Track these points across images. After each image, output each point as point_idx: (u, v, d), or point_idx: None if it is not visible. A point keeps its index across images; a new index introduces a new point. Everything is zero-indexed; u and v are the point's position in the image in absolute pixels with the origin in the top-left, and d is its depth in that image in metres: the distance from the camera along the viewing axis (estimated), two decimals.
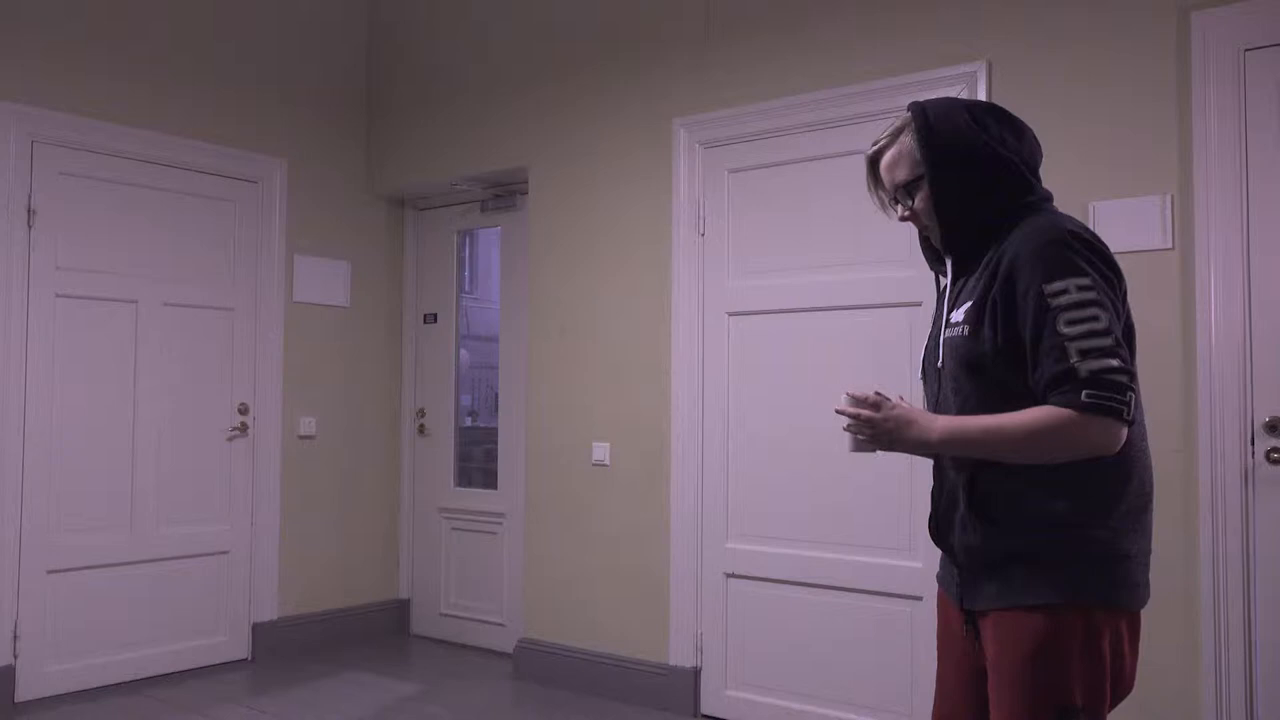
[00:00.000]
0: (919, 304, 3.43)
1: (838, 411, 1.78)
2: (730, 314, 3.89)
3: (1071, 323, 1.59)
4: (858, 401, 1.77)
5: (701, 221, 3.97)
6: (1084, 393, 1.56)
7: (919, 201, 1.82)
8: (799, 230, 3.73)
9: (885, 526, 3.48)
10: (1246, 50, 2.90)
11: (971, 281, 1.77)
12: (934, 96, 3.33)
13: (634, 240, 4.16)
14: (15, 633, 3.97)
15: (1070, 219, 1.72)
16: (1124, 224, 3.04)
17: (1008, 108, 3.22)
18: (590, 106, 4.33)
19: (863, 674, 3.52)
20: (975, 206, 1.76)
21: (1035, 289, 1.62)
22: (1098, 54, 3.12)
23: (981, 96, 3.29)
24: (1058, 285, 1.61)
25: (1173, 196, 2.99)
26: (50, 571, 4.08)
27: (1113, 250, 3.00)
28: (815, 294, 3.68)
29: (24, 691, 3.99)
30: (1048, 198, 1.80)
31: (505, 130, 4.64)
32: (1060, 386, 1.59)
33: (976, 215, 1.77)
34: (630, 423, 4.13)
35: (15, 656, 3.96)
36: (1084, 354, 1.57)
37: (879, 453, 1.83)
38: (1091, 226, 3.08)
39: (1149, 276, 3.00)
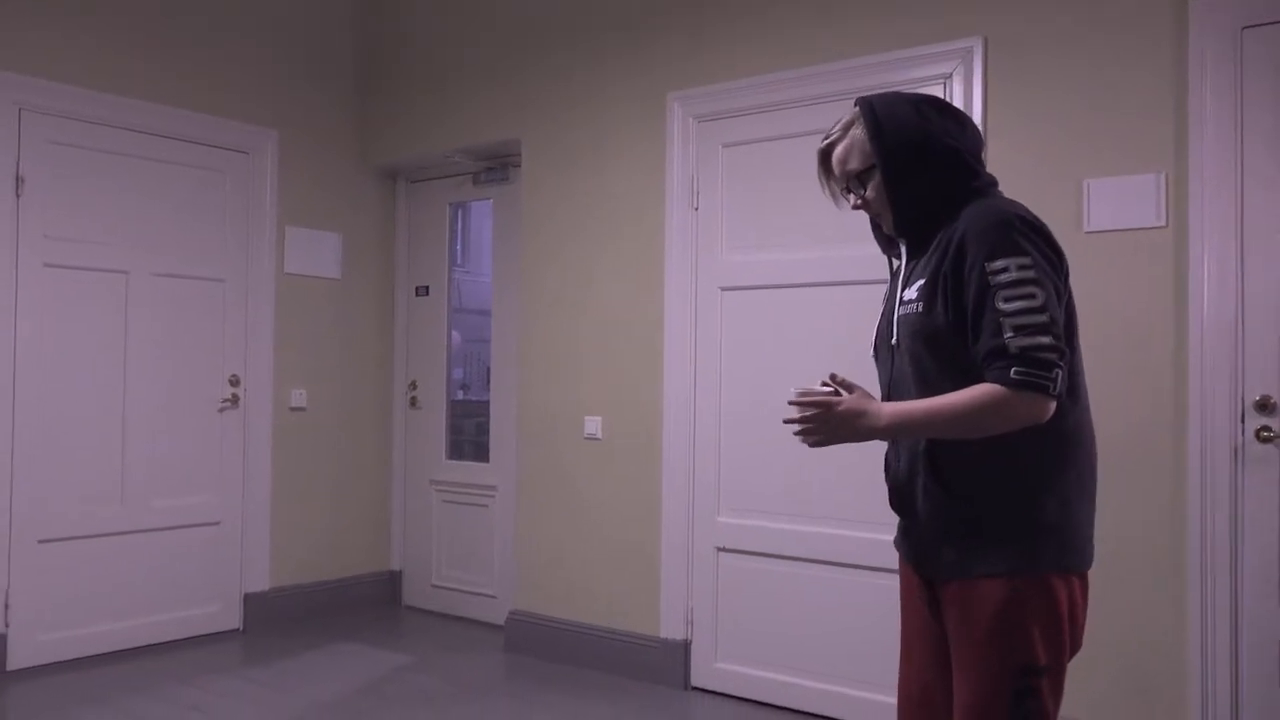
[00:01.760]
0: None
1: (786, 422, 1.83)
2: (723, 289, 3.89)
3: (1009, 299, 1.68)
4: (806, 396, 1.80)
5: (695, 196, 3.96)
6: (1013, 370, 1.65)
7: (871, 190, 1.91)
8: (793, 205, 3.72)
9: (875, 501, 3.48)
10: (1244, 28, 2.89)
11: (923, 261, 1.85)
12: (920, 74, 3.36)
13: (627, 214, 4.15)
14: (6, 602, 3.97)
15: (1015, 203, 1.80)
16: (1118, 201, 3.04)
17: (1004, 83, 3.24)
18: (584, 79, 4.30)
19: (852, 647, 3.55)
20: (924, 191, 1.85)
21: (979, 266, 1.71)
22: (1095, 30, 3.11)
23: (977, 72, 3.28)
24: (999, 263, 1.70)
25: (1167, 175, 2.98)
26: (41, 541, 4.08)
27: (1104, 228, 3.05)
28: (809, 269, 3.68)
29: (16, 660, 4.00)
30: (993, 183, 1.88)
31: (499, 102, 4.61)
32: (994, 362, 1.68)
33: (926, 199, 1.85)
34: (623, 397, 4.13)
35: (6, 625, 3.97)
36: (1017, 330, 1.66)
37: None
38: (1085, 204, 3.09)
39: (1142, 254, 3.01)
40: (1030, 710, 1.70)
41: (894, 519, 3.43)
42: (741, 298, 3.85)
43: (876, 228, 2.01)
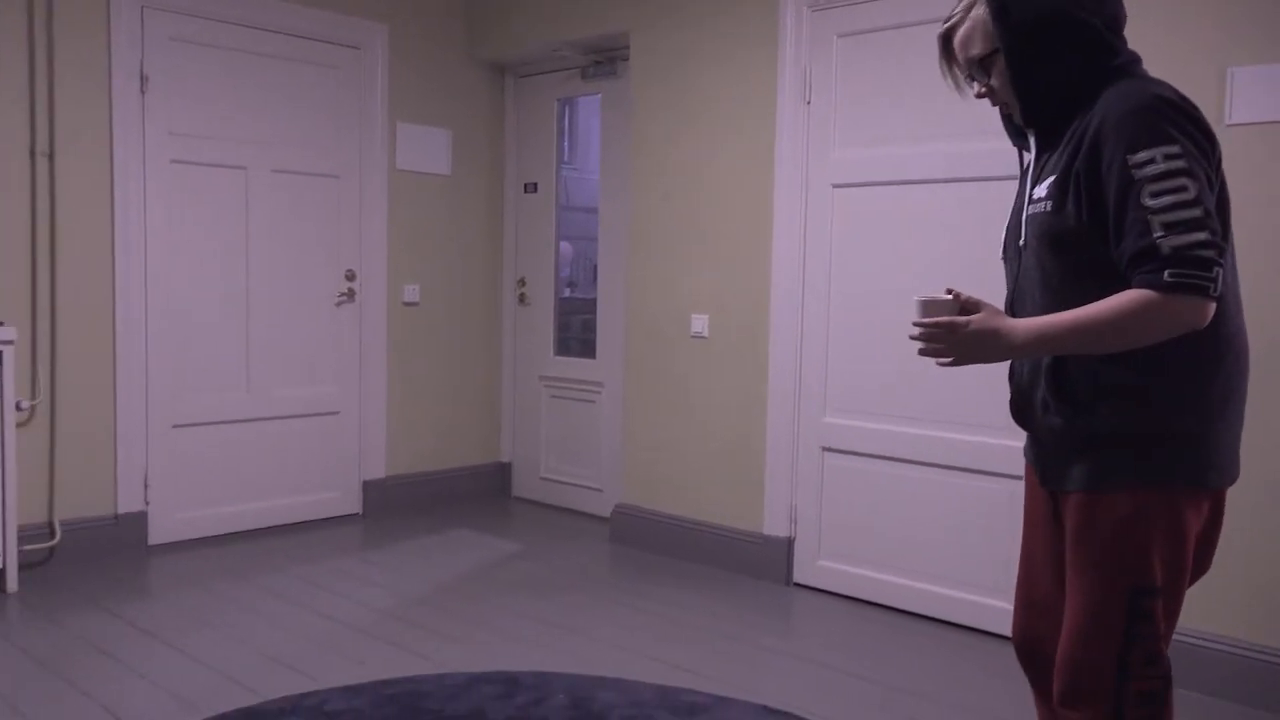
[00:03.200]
0: None
1: (912, 338, 1.70)
2: (835, 185, 3.80)
3: (1157, 194, 1.52)
4: (929, 308, 1.66)
5: (808, 89, 3.84)
6: (1166, 272, 1.51)
7: (995, 77, 1.76)
8: (912, 99, 3.58)
9: (983, 404, 3.43)
10: None
11: (1055, 156, 1.70)
12: None
13: (737, 108, 4.06)
14: (146, 482, 4.22)
15: (1159, 83, 1.63)
16: (1264, 92, 2.84)
17: None
18: None
19: (956, 551, 3.53)
20: (1053, 76, 1.69)
21: (1119, 159, 1.56)
22: None
23: None
24: (1143, 155, 1.54)
25: None
26: (175, 426, 4.31)
27: (1250, 120, 2.86)
28: (923, 166, 3.56)
29: (156, 535, 4.28)
30: (1135, 60, 1.71)
31: None
32: (1143, 265, 1.53)
33: (1056, 85, 1.70)
34: (730, 295, 4.11)
35: (147, 503, 4.23)
36: (1168, 228, 1.51)
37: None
38: (1228, 94, 2.90)
39: None
40: (1141, 633, 1.62)
41: (1004, 421, 3.38)
42: (854, 195, 3.76)
43: (1007, 118, 1.86)
